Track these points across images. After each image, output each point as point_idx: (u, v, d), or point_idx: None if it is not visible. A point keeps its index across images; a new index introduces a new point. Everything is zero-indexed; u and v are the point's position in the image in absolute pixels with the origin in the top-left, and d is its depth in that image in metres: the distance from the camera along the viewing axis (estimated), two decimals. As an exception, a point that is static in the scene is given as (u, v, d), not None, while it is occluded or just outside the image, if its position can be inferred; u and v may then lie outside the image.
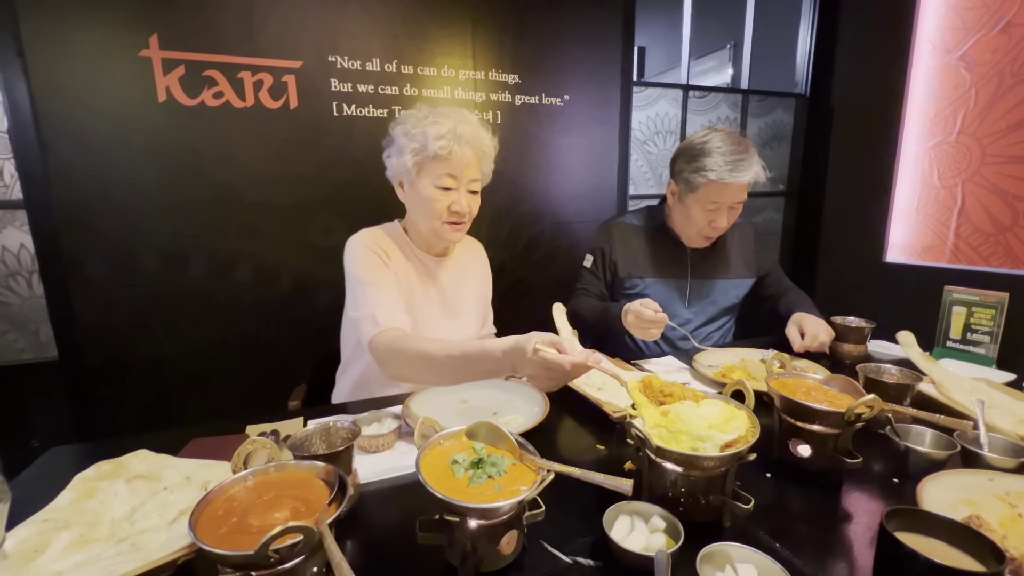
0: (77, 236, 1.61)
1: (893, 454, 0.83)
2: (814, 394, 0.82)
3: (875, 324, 1.33)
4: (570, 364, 0.81)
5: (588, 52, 2.16)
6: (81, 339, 1.67)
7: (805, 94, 2.69)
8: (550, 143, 2.17)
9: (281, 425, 1.03)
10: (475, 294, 1.41)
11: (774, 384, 0.85)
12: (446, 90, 1.97)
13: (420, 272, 1.30)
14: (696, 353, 1.35)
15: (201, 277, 1.76)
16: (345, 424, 0.77)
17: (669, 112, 2.49)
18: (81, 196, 1.60)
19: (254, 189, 1.78)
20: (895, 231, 2.37)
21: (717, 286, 1.60)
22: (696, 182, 1.41)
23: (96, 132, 1.58)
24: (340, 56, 1.81)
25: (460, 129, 1.13)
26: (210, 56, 1.65)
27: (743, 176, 1.36)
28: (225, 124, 1.71)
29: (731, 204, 1.43)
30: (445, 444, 0.68)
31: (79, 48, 1.53)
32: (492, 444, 0.69)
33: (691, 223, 1.49)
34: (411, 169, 1.17)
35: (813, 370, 1.20)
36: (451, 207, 1.19)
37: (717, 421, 0.67)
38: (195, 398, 1.80)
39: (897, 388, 0.91)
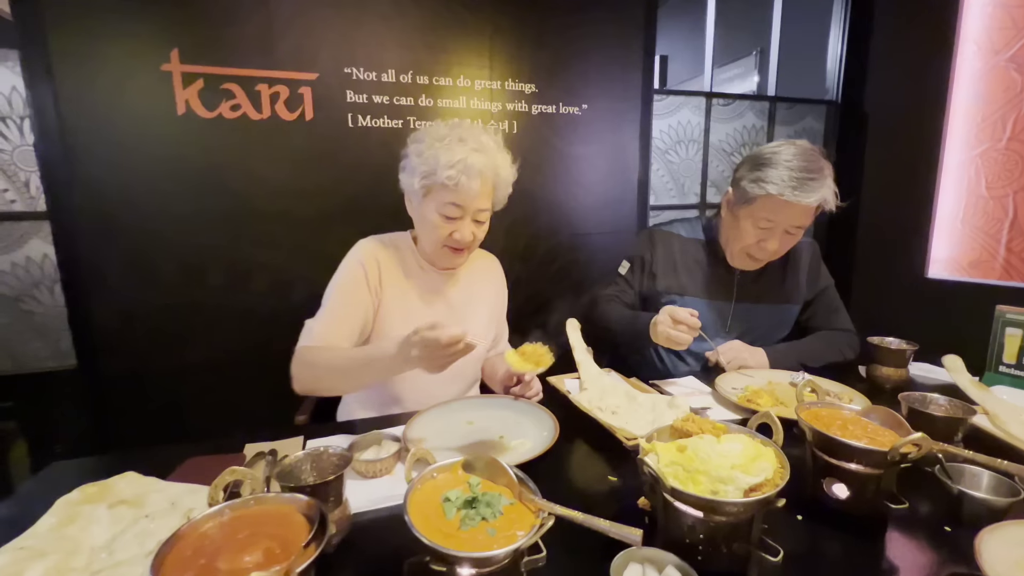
0: (98, 246, 1.64)
1: (944, 498, 0.74)
2: (851, 428, 0.74)
3: (917, 346, 1.22)
4: (447, 337, 0.84)
5: (607, 60, 2.11)
6: (99, 348, 1.69)
7: (837, 101, 2.58)
8: (568, 153, 2.13)
9: (280, 444, 0.99)
10: (485, 310, 1.36)
11: (805, 415, 0.77)
12: (462, 100, 1.95)
13: (424, 286, 1.26)
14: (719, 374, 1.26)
15: (218, 287, 1.77)
16: (337, 450, 0.73)
17: (692, 120, 2.41)
18: (103, 207, 1.62)
19: (271, 200, 1.78)
20: (938, 244, 2.22)
21: (764, 312, 1.45)
22: (752, 193, 1.26)
23: (118, 145, 1.61)
24: (356, 67, 1.81)
25: (472, 160, 1.08)
26: (228, 69, 1.67)
27: (807, 197, 1.19)
28: (242, 136, 1.72)
29: (788, 227, 1.27)
30: (439, 477, 0.63)
31: (104, 63, 1.56)
32: (491, 478, 0.63)
33: (738, 238, 1.35)
34: (418, 191, 1.14)
35: (848, 398, 1.10)
36: (453, 235, 1.15)
37: (741, 460, 0.60)
38: (210, 408, 1.80)
39: (946, 422, 0.82)
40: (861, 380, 1.30)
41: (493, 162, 1.13)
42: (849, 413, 0.79)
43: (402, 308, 1.23)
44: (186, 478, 0.84)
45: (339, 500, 0.70)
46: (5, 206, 1.64)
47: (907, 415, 0.86)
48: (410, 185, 1.15)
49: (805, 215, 1.26)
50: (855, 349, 1.43)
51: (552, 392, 1.23)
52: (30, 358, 1.72)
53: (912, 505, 0.68)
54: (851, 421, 0.76)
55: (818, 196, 1.20)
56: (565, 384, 1.28)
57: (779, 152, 1.26)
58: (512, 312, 1.48)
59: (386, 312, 1.21)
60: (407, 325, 1.22)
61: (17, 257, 1.67)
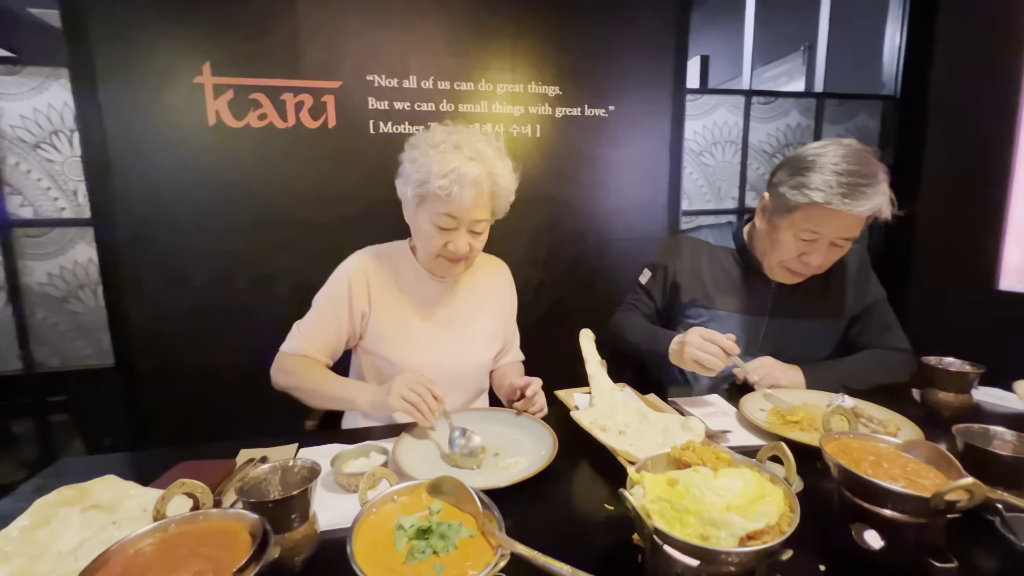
0: (136, 252, 1.72)
1: (1006, 556, 0.61)
2: (887, 466, 0.63)
3: (983, 369, 1.06)
4: None
5: (635, 59, 2.02)
6: (135, 348, 1.77)
7: (895, 95, 2.36)
8: (594, 156, 2.05)
9: (273, 451, 0.98)
10: (488, 318, 1.30)
11: (831, 448, 0.66)
12: (483, 104, 1.92)
13: (423, 295, 1.23)
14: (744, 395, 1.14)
15: (245, 292, 1.81)
16: (307, 462, 0.69)
17: (729, 121, 2.27)
18: (140, 215, 1.70)
19: (295, 208, 1.81)
20: (1012, 252, 1.94)
21: (802, 328, 1.30)
22: (794, 201, 1.12)
23: (155, 156, 1.69)
24: (378, 74, 1.82)
25: (465, 169, 1.03)
26: (256, 80, 1.72)
27: (858, 205, 1.04)
28: (268, 145, 1.76)
29: (835, 239, 1.13)
30: (400, 500, 0.58)
31: (144, 77, 1.64)
32: (457, 504, 0.58)
33: (776, 250, 1.21)
34: (412, 199, 1.12)
35: (894, 426, 0.97)
36: (447, 246, 1.11)
37: (739, 501, 0.51)
38: (235, 409, 1.84)
39: (1013, 464, 0.68)
40: (915, 406, 1.14)
41: (490, 171, 1.08)
42: (886, 447, 0.67)
43: (397, 319, 1.21)
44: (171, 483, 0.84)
45: (304, 516, 0.66)
46: (56, 213, 1.75)
47: (962, 452, 0.73)
48: (404, 193, 1.14)
49: (855, 226, 1.11)
50: (910, 370, 1.26)
51: (561, 408, 1.15)
52: (74, 356, 1.83)
53: (963, 563, 0.56)
54: (888, 457, 0.65)
55: (871, 204, 1.05)
56: (574, 399, 1.21)
57: (824, 154, 1.12)
58: (536, 321, 1.42)
59: (379, 323, 1.20)
60: (402, 336, 1.21)
61: (65, 261, 1.78)
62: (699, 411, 1.13)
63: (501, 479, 0.81)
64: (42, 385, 1.81)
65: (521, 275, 2.07)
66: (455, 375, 1.24)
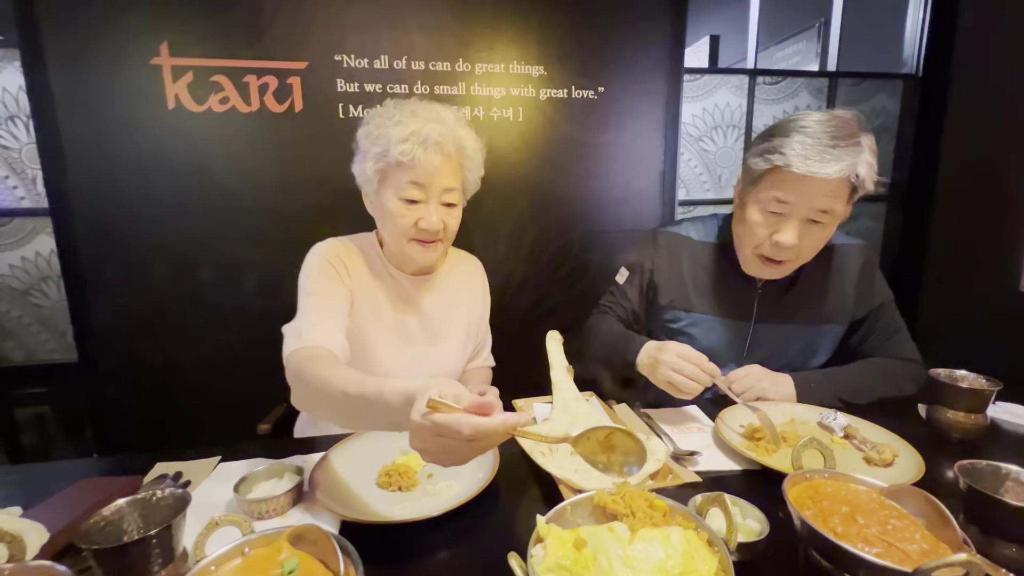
0: (95, 243, 1.65)
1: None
2: (864, 520, 0.50)
3: (1000, 386, 0.91)
4: (470, 428, 0.50)
5: (628, 36, 1.87)
6: (98, 344, 1.71)
7: (916, 74, 2.15)
8: (581, 142, 1.91)
9: (188, 466, 0.89)
10: (463, 319, 1.20)
11: (795, 493, 0.54)
12: (461, 86, 1.79)
13: (393, 292, 1.12)
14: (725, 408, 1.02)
15: (208, 285, 1.74)
16: (178, 491, 0.60)
17: (732, 103, 2.10)
18: (99, 204, 1.63)
19: (261, 196, 1.72)
20: None
21: (793, 334, 1.16)
22: (757, 169, 1.00)
23: (111, 141, 1.61)
24: (347, 54, 1.70)
25: (427, 130, 0.94)
26: (216, 61, 1.62)
27: (823, 168, 0.91)
28: (231, 130, 1.67)
29: (809, 213, 0.98)
30: (252, 554, 0.48)
31: (96, 58, 1.56)
32: (322, 557, 0.47)
33: (748, 234, 1.06)
34: (372, 178, 1.00)
35: (891, 453, 0.83)
36: (418, 223, 0.99)
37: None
38: (202, 405, 1.78)
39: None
40: (921, 424, 1.00)
41: (454, 134, 0.97)
42: (867, 492, 0.55)
43: (373, 315, 1.09)
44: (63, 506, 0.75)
45: (169, 557, 0.56)
46: (15, 203, 1.69)
47: (965, 497, 0.60)
48: (362, 174, 1.02)
49: (830, 195, 0.95)
50: (917, 383, 1.11)
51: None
52: (39, 350, 1.78)
53: (956, 651, 0.44)
54: (867, 508, 0.52)
55: (840, 167, 0.91)
56: (534, 408, 1.10)
57: (801, 119, 0.98)
58: (515, 319, 1.31)
59: (356, 315, 1.07)
60: (379, 335, 1.09)
61: (27, 252, 1.72)
62: (672, 427, 1.01)
63: (431, 506, 0.71)
64: (6, 380, 1.76)
65: (502, 270, 1.97)
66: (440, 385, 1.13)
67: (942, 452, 0.86)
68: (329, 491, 0.76)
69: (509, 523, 0.73)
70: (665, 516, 0.49)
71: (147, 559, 0.54)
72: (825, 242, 1.05)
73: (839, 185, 0.95)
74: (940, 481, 0.79)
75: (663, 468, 0.81)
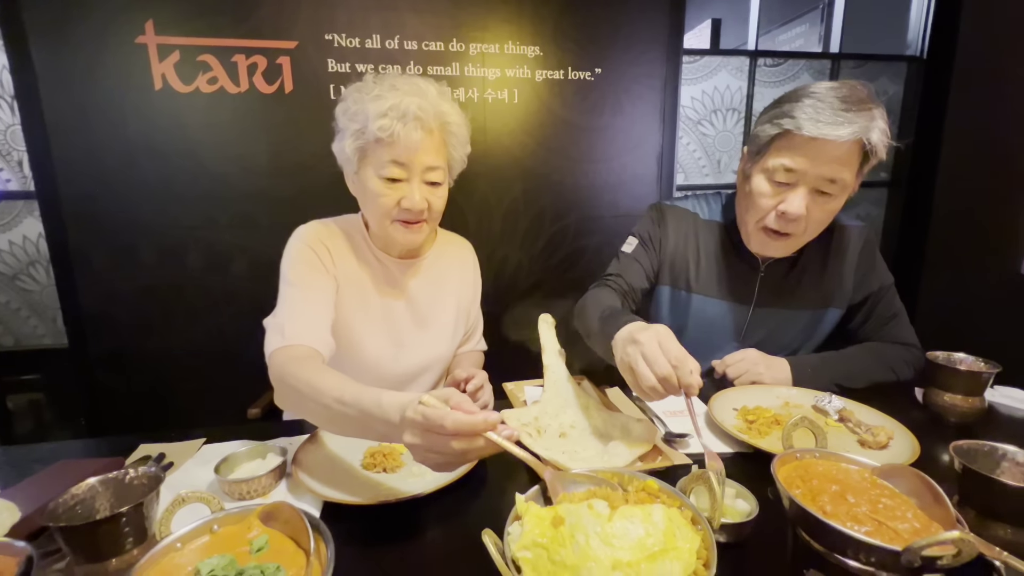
0: (83, 226, 1.63)
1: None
2: (854, 499, 0.49)
3: (999, 368, 0.89)
4: (453, 423, 0.52)
5: (625, 17, 1.82)
6: (87, 328, 1.69)
7: (921, 56, 2.11)
8: (577, 125, 1.87)
9: (172, 448, 0.88)
10: (452, 303, 1.17)
11: (784, 472, 0.52)
12: (454, 67, 1.75)
13: (379, 276, 1.09)
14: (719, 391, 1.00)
15: (198, 269, 1.72)
16: (150, 469, 0.58)
17: (732, 85, 2.06)
18: (85, 187, 1.60)
19: (250, 179, 1.69)
20: None
21: (792, 317, 1.14)
22: (766, 136, 0.96)
23: (97, 122, 1.57)
24: (337, 34, 1.66)
25: (406, 104, 0.89)
26: (204, 40, 1.58)
27: (835, 129, 0.87)
28: (220, 111, 1.64)
29: (817, 182, 0.94)
30: (221, 531, 0.46)
31: (79, 36, 1.52)
32: (293, 535, 0.46)
33: (752, 206, 1.02)
34: (352, 157, 0.96)
35: (886, 435, 0.81)
36: (401, 203, 0.96)
37: (632, 556, 0.38)
38: (190, 392, 1.77)
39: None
40: (917, 409, 0.99)
41: (435, 108, 0.93)
42: (859, 472, 0.53)
43: (359, 299, 1.06)
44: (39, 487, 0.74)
45: (141, 537, 0.55)
46: (1, 185, 1.66)
47: (960, 478, 0.59)
48: (343, 152, 0.98)
49: (840, 161, 0.91)
50: (915, 368, 1.09)
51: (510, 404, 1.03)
52: (29, 335, 1.76)
53: (947, 632, 0.43)
54: (858, 487, 0.51)
55: (853, 128, 0.87)
56: (524, 392, 1.08)
57: (810, 86, 0.94)
58: (509, 304, 1.29)
59: (341, 302, 1.04)
60: (365, 320, 1.06)
61: (14, 236, 1.70)
62: (664, 409, 0.99)
63: (407, 490, 0.69)
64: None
65: (496, 255, 1.95)
66: (415, 367, 1.11)
67: (938, 435, 0.84)
68: (312, 471, 0.75)
69: (494, 505, 0.72)
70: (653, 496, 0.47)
71: (117, 538, 0.53)
72: (832, 216, 1.02)
73: (850, 151, 0.91)
74: (935, 463, 0.77)
75: (653, 450, 0.80)
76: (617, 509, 0.42)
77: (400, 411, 0.58)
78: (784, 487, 0.50)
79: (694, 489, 0.51)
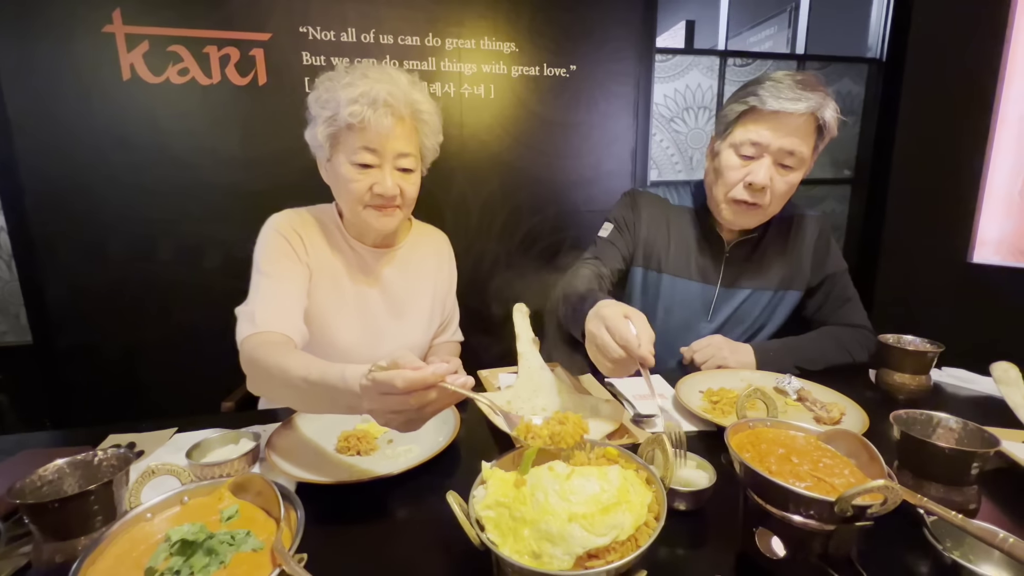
0: (47, 220, 1.58)
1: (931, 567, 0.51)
2: (798, 461, 0.52)
3: (942, 347, 0.95)
4: (403, 381, 0.54)
5: (600, 14, 1.86)
6: (53, 324, 1.65)
7: (880, 59, 2.20)
8: (554, 120, 1.90)
9: (143, 437, 0.87)
10: (428, 292, 1.19)
11: (737, 440, 0.56)
12: (431, 61, 1.76)
13: (353, 265, 1.10)
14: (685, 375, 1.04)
15: (170, 263, 1.69)
16: (120, 451, 0.58)
17: (703, 84, 2.12)
18: (50, 179, 1.56)
19: (223, 172, 1.68)
20: (987, 222, 1.81)
21: (755, 298, 1.21)
22: (733, 114, 1.07)
23: (62, 112, 1.54)
24: (312, 26, 1.66)
25: (377, 90, 0.90)
26: (174, 30, 1.56)
27: (793, 104, 0.99)
28: (191, 103, 1.61)
29: (778, 155, 1.04)
30: (191, 502, 0.47)
31: (43, 24, 1.48)
32: (264, 506, 0.47)
33: (721, 179, 1.11)
34: (324, 144, 0.97)
35: (839, 411, 0.86)
36: (373, 188, 0.97)
37: (587, 509, 0.40)
38: (162, 388, 1.74)
39: (953, 457, 0.58)
40: (870, 388, 1.04)
41: (406, 95, 0.94)
42: (804, 437, 0.57)
43: (332, 288, 1.07)
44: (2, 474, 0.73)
45: (110, 515, 0.55)
46: (-40, 177, 1.60)
47: (899, 443, 0.63)
48: (315, 139, 0.99)
49: (797, 134, 1.02)
50: (869, 349, 1.15)
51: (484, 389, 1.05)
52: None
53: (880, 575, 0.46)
54: (802, 450, 0.54)
55: (808, 104, 1.00)
56: (499, 379, 1.10)
57: (769, 72, 1.08)
58: (486, 296, 1.31)
59: (315, 290, 1.05)
60: (338, 309, 1.07)
61: (-25, 230, 1.65)
62: (633, 393, 1.02)
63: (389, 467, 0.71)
64: (-44, 363, 1.69)
65: (473, 248, 1.97)
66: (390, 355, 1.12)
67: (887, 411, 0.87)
68: (285, 455, 0.76)
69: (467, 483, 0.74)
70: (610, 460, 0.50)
71: (87, 516, 0.53)
72: (793, 189, 1.10)
73: (806, 124, 1.02)
74: (883, 435, 0.82)
75: (620, 428, 0.83)
76: (575, 469, 0.45)
77: (360, 382, 0.60)
78: (736, 452, 0.53)
79: (651, 453, 0.54)
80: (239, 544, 0.41)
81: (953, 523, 0.43)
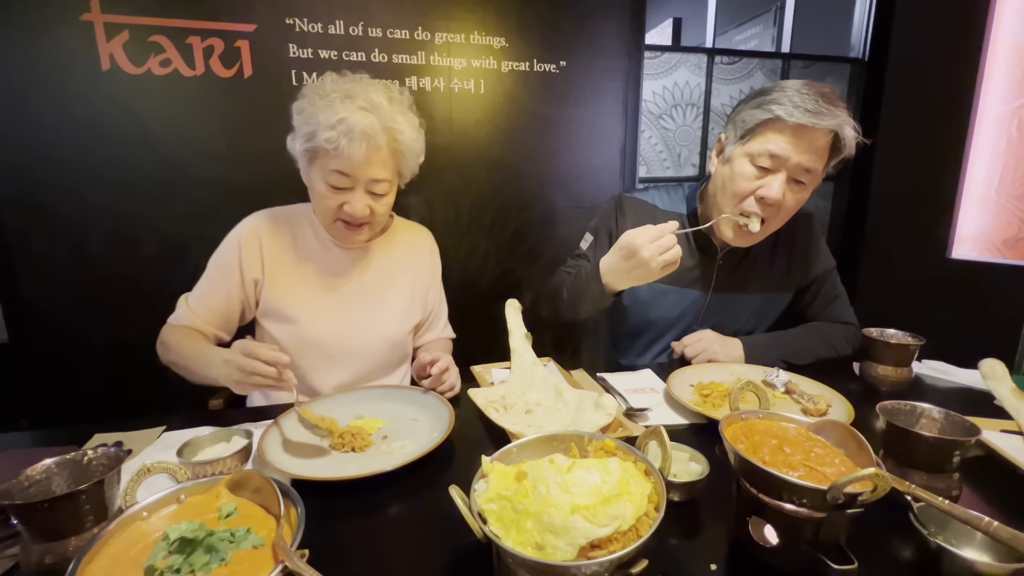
0: (23, 214, 1.53)
1: (918, 552, 0.53)
2: (790, 451, 0.54)
3: (923, 341, 0.98)
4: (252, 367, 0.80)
5: (589, 10, 1.86)
6: (30, 322, 1.60)
7: (863, 58, 2.25)
8: (542, 116, 1.90)
9: (130, 436, 0.86)
10: (405, 286, 1.19)
11: (731, 431, 0.57)
12: (420, 55, 1.75)
13: (325, 266, 1.12)
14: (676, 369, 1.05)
15: (152, 260, 1.64)
16: (110, 450, 0.57)
17: (691, 81, 2.14)
18: (25, 172, 1.51)
19: (206, 166, 1.64)
20: (966, 218, 1.86)
21: (745, 302, 1.21)
22: (754, 120, 1.01)
23: (38, 103, 1.48)
24: (299, 18, 1.63)
25: (354, 120, 0.91)
26: (155, 20, 1.52)
27: (820, 121, 0.94)
28: (174, 95, 1.57)
29: (793, 168, 1.00)
30: (188, 500, 0.46)
31: (17, 12, 1.43)
32: (264, 504, 0.47)
33: (730, 191, 1.06)
34: (301, 157, 1.01)
35: (825, 403, 0.88)
36: (343, 207, 0.99)
37: (589, 501, 0.41)
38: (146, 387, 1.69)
39: (937, 446, 0.60)
40: (854, 380, 1.07)
41: (387, 124, 0.95)
42: (796, 428, 0.58)
43: (293, 288, 1.09)
44: None
45: (102, 515, 0.54)
46: (-70, 170, 1.54)
47: (884, 433, 0.65)
48: (294, 149, 1.02)
49: (816, 152, 0.99)
50: (854, 344, 1.18)
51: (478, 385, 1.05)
52: (-36, 331, 1.65)
53: (870, 561, 0.48)
54: (794, 440, 0.56)
55: (834, 121, 0.96)
56: (492, 374, 1.10)
57: (789, 81, 1.02)
58: (476, 293, 1.30)
59: (272, 291, 1.08)
60: (297, 306, 1.08)
61: (-53, 224, 1.58)
62: (626, 387, 1.04)
63: (376, 468, 0.71)
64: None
65: (463, 245, 1.96)
66: (362, 349, 1.13)
67: (871, 402, 0.90)
68: (279, 452, 0.75)
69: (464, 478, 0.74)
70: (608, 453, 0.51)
71: (78, 516, 0.52)
72: (799, 207, 1.08)
73: (826, 142, 0.99)
74: (867, 426, 0.84)
75: (614, 422, 0.83)
76: (576, 462, 0.45)
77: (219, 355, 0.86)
78: (730, 443, 0.54)
79: (647, 445, 0.55)
80: (239, 541, 0.41)
81: (940, 509, 0.45)
